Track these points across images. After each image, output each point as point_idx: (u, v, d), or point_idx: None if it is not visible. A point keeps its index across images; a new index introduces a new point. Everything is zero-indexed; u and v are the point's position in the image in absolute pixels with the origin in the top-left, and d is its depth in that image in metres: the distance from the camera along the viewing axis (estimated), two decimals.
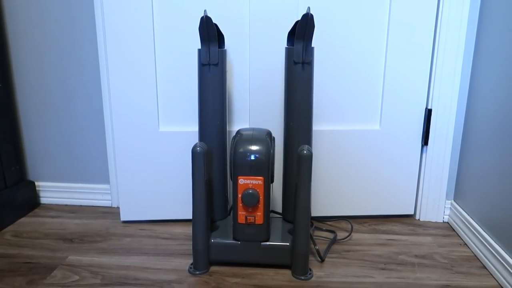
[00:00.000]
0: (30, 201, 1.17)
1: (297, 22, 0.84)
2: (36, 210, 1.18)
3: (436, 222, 1.10)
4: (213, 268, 0.87)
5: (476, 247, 0.93)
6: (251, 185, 0.81)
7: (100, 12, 1.06)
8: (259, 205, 0.82)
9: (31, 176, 1.21)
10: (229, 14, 0.97)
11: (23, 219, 1.12)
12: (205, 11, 0.82)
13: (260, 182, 0.81)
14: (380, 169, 1.08)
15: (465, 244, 0.99)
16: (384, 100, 1.04)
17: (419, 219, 1.11)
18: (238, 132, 0.86)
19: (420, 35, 1.00)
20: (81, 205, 1.21)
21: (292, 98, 0.88)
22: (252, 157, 0.80)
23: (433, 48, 1.01)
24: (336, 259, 0.92)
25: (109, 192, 1.20)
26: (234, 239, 0.86)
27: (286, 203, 0.96)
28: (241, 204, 0.82)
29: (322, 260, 0.91)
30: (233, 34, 0.99)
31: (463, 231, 1.01)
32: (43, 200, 1.22)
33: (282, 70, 1.00)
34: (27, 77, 1.13)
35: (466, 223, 0.99)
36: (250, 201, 0.81)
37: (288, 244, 0.85)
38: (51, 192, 1.21)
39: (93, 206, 1.21)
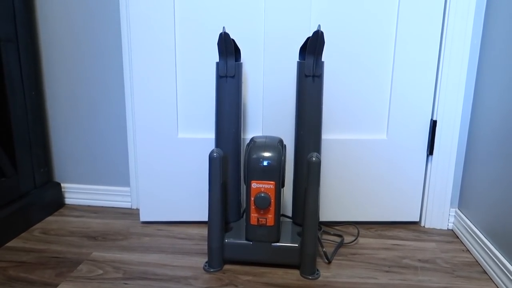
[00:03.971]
0: (56, 201, 1.25)
1: (308, 38, 0.90)
2: (61, 210, 1.26)
3: (440, 229, 1.14)
4: (227, 267, 0.93)
5: (478, 253, 0.97)
6: (263, 189, 0.87)
7: (126, 26, 1.14)
8: (271, 208, 0.88)
9: (57, 178, 1.30)
10: (245, 30, 1.05)
11: (49, 218, 1.20)
12: (223, 27, 0.89)
13: (271, 186, 0.87)
14: (387, 177, 1.13)
15: (468, 250, 1.03)
16: (391, 111, 1.09)
17: (424, 226, 1.16)
18: (252, 139, 0.92)
19: (426, 49, 1.05)
20: (103, 206, 1.29)
21: (303, 108, 0.94)
22: (265, 163, 0.86)
23: (438, 61, 1.06)
24: (343, 261, 0.97)
25: (129, 194, 1.27)
26: (247, 239, 0.92)
27: (296, 207, 1.01)
28: (253, 207, 0.88)
29: (329, 262, 0.96)
30: (249, 48, 1.06)
31: (466, 238, 1.05)
32: (68, 201, 1.30)
33: (294, 82, 1.06)
34: (56, 86, 1.22)
35: (469, 230, 1.03)
36: (262, 203, 0.87)
37: (297, 245, 0.91)
38: (76, 193, 1.29)
39: (114, 207, 1.28)
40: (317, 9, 1.03)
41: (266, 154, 0.87)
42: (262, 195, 0.87)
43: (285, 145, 0.95)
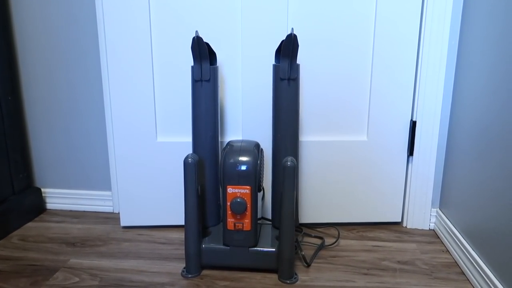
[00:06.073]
0: (36, 206, 1.24)
1: (283, 41, 0.89)
2: (42, 215, 1.24)
3: (422, 230, 1.14)
4: (205, 272, 0.93)
5: (457, 254, 0.97)
6: (239, 194, 0.86)
7: (103, 30, 1.12)
8: (247, 213, 0.87)
9: (38, 183, 1.28)
10: (222, 33, 1.03)
11: (29, 224, 1.18)
12: (196, 31, 0.88)
13: (247, 191, 0.86)
14: (368, 178, 1.13)
15: (447, 250, 1.03)
16: (370, 112, 1.09)
17: (406, 226, 1.16)
18: (228, 143, 0.91)
19: (404, 50, 1.05)
20: (84, 211, 1.28)
21: (279, 111, 0.94)
22: (240, 168, 0.86)
23: (416, 62, 1.06)
24: (322, 264, 0.96)
25: (111, 198, 1.26)
26: (224, 244, 0.91)
27: (275, 210, 1.01)
28: (229, 212, 0.87)
29: (308, 265, 0.95)
30: (226, 51, 1.04)
31: (446, 238, 1.05)
32: (49, 206, 1.29)
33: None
34: (34, 90, 1.21)
35: (449, 230, 1.03)
36: (238, 208, 0.86)
37: (274, 249, 0.90)
38: (57, 198, 1.28)
39: (95, 211, 1.27)
40: (294, 11, 1.02)
41: (242, 159, 0.86)
42: (238, 200, 0.86)
43: (262, 149, 0.94)
